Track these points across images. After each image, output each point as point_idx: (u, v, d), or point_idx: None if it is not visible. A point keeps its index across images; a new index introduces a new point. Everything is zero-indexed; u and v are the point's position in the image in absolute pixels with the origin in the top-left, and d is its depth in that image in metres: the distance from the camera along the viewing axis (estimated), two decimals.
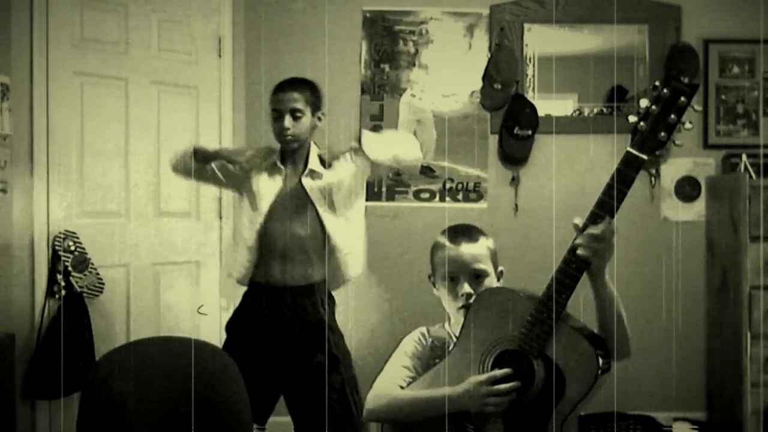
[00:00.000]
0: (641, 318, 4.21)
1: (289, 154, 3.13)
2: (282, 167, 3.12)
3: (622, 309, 1.89)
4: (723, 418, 4.09)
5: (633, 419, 4.11)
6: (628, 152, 1.79)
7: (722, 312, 4.07)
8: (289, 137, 3.05)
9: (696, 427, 4.12)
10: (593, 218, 1.82)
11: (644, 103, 1.80)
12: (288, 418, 3.23)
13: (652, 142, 1.78)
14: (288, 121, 3.04)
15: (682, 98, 1.76)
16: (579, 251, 1.80)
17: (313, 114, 3.11)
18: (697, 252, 4.30)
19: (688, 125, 1.78)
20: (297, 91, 3.08)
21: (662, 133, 1.77)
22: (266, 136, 4.21)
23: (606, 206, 1.80)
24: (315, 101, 3.12)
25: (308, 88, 3.13)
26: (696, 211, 4.31)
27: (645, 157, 1.78)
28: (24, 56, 3.39)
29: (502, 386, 1.85)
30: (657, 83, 1.81)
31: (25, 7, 3.39)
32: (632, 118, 1.81)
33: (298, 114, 3.05)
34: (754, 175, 3.97)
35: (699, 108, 1.77)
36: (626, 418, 4.10)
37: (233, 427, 2.35)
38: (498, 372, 1.87)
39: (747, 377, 3.78)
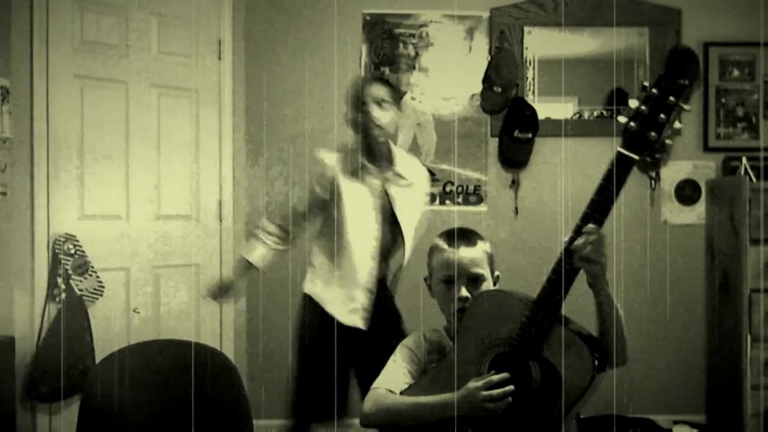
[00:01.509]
0: (641, 320, 4.21)
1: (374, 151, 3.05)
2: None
3: (621, 315, 1.89)
4: (723, 420, 4.08)
5: (633, 422, 4.10)
6: (618, 152, 1.80)
7: (722, 315, 4.07)
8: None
9: (696, 429, 4.12)
10: (586, 219, 1.82)
11: (633, 103, 1.81)
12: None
13: (641, 141, 1.78)
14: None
15: (671, 97, 1.76)
16: (575, 254, 1.80)
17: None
18: (697, 255, 4.30)
19: (677, 124, 1.79)
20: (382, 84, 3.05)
21: (652, 133, 1.77)
22: (267, 139, 4.25)
23: (598, 207, 1.81)
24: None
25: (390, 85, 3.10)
26: (696, 214, 4.31)
27: (635, 157, 1.78)
28: (24, 59, 3.39)
29: (499, 391, 1.85)
30: (646, 83, 1.81)
31: (26, 10, 3.40)
32: (622, 119, 1.81)
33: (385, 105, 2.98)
34: (754, 178, 3.97)
35: (688, 107, 1.77)
36: (626, 421, 4.10)
37: (233, 429, 2.35)
38: (495, 377, 1.86)
39: (747, 380, 3.78)
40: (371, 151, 3.01)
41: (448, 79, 4.31)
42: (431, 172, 4.27)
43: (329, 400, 2.99)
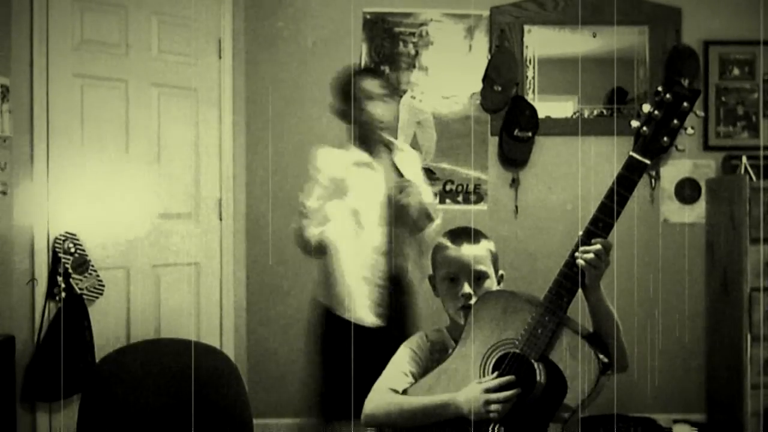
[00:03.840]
0: (641, 320, 4.21)
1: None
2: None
3: (618, 321, 1.89)
4: (723, 419, 4.09)
5: (633, 421, 4.10)
6: (631, 157, 1.80)
7: (722, 314, 4.07)
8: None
9: (696, 428, 4.12)
10: (596, 222, 1.82)
11: (647, 108, 1.81)
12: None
13: (654, 146, 1.78)
14: None
15: (685, 103, 1.77)
16: (578, 261, 1.81)
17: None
18: (697, 254, 4.30)
19: (690, 131, 1.79)
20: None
21: (665, 138, 1.78)
22: (267, 137, 4.24)
23: (609, 210, 1.81)
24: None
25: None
26: (696, 212, 4.31)
27: (648, 161, 1.78)
28: (24, 58, 3.39)
29: (504, 394, 1.85)
30: (660, 88, 1.81)
31: (26, 9, 3.39)
32: (634, 123, 1.81)
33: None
34: (754, 177, 3.97)
35: (701, 113, 1.77)
36: (627, 420, 4.10)
37: (233, 428, 2.35)
38: (500, 380, 1.86)
39: (747, 379, 3.78)
40: (367, 143, 3.06)
41: (448, 78, 4.31)
42: (431, 171, 4.28)
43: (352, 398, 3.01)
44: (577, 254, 1.82)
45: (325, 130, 4.20)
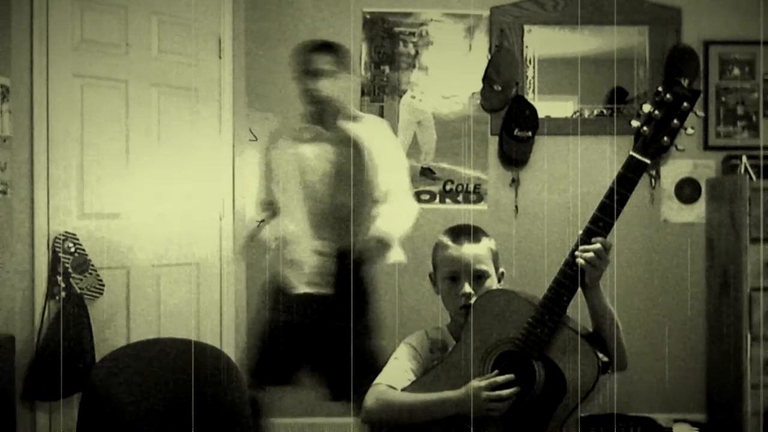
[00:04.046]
0: (641, 319, 4.21)
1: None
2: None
3: (617, 321, 1.90)
4: (723, 419, 4.09)
5: (633, 421, 4.10)
6: (631, 156, 1.81)
7: (722, 313, 4.07)
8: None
9: (696, 428, 4.12)
10: (596, 221, 1.83)
11: (647, 107, 1.82)
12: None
13: (655, 146, 1.79)
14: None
15: (685, 104, 1.78)
16: (578, 260, 1.81)
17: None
18: (697, 254, 4.30)
19: (690, 131, 1.80)
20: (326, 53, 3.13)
21: (665, 138, 1.79)
22: (267, 137, 4.23)
23: (609, 209, 1.81)
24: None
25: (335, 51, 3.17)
26: (696, 212, 4.31)
27: (648, 161, 1.79)
28: (24, 58, 3.39)
29: (503, 392, 1.86)
30: (660, 89, 1.82)
31: (25, 9, 3.39)
32: (635, 123, 1.82)
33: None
34: (754, 177, 3.97)
35: (701, 114, 1.79)
36: (626, 419, 4.10)
37: (233, 429, 2.35)
38: (499, 378, 1.87)
39: (747, 379, 3.78)
40: (322, 121, 3.13)
41: (448, 77, 4.31)
42: (431, 171, 4.28)
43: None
44: (577, 253, 1.83)
45: None
